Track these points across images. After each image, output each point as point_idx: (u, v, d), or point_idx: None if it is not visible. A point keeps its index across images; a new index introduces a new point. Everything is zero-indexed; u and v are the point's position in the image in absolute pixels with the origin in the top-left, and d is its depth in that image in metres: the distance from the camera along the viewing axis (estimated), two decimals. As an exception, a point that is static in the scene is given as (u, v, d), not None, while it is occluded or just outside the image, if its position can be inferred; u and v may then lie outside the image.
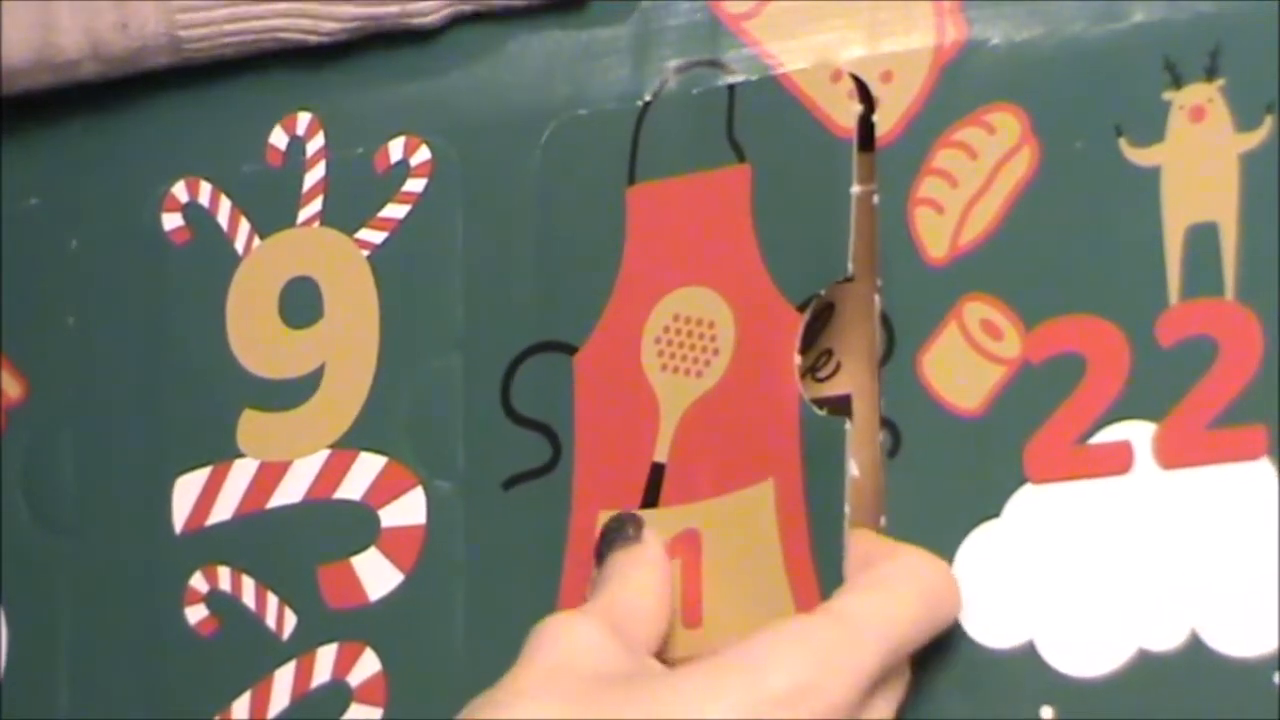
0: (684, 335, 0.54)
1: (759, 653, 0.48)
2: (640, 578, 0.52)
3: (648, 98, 0.57)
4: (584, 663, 0.49)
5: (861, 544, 0.51)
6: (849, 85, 0.53)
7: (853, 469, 0.51)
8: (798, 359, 0.53)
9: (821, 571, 0.51)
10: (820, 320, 0.55)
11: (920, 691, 0.51)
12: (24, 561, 0.62)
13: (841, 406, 0.54)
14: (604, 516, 0.54)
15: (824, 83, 0.54)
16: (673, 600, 0.53)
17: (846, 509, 0.51)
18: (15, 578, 0.62)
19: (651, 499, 0.54)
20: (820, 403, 0.53)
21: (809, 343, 0.54)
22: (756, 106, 0.55)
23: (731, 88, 0.55)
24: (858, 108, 0.53)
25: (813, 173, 0.53)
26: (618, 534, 0.53)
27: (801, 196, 0.53)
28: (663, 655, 0.52)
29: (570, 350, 0.56)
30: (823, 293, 0.53)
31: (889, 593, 0.49)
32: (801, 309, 0.53)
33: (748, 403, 0.53)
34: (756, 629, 0.48)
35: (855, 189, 0.53)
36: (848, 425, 0.51)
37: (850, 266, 0.52)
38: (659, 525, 0.53)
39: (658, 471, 0.54)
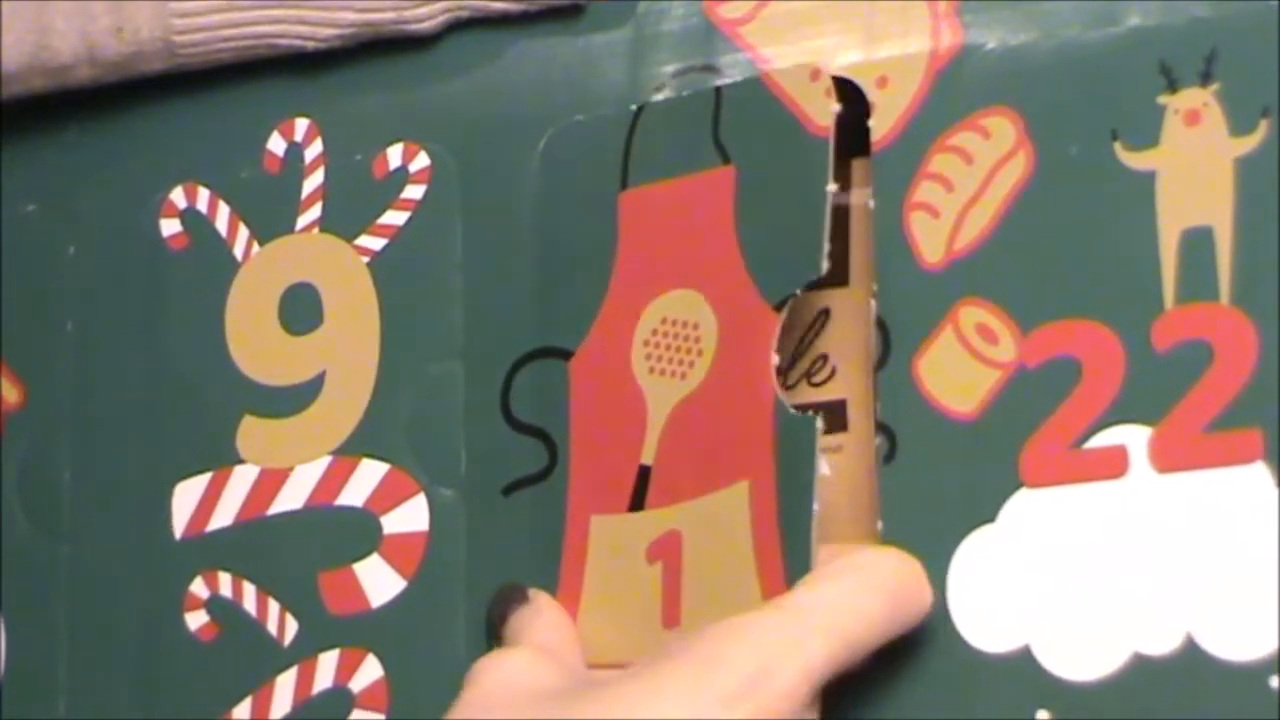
0: (670, 338, 0.54)
1: (705, 649, 0.48)
2: (543, 623, 0.54)
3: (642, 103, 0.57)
4: (524, 683, 0.50)
5: (834, 551, 0.51)
6: (827, 84, 0.53)
7: (823, 467, 0.51)
8: (775, 359, 0.52)
9: (790, 571, 0.51)
10: (816, 325, 0.55)
11: (915, 695, 0.51)
12: (22, 568, 0.62)
13: (836, 412, 0.54)
14: (596, 521, 0.55)
15: (804, 82, 0.53)
16: (578, 639, 0.54)
17: (815, 507, 0.50)
18: (14, 584, 0.62)
19: (638, 502, 0.54)
20: (815, 408, 0.53)
21: (804, 348, 0.54)
22: (741, 108, 0.55)
23: (718, 89, 0.55)
24: (835, 106, 0.53)
25: (791, 172, 0.53)
26: (508, 603, 0.54)
27: (780, 196, 0.53)
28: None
29: (566, 355, 0.56)
30: (798, 292, 0.52)
31: (842, 584, 0.49)
32: (779, 309, 0.53)
33: (726, 404, 0.53)
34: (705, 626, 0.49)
35: (831, 187, 0.52)
36: (818, 423, 0.51)
37: (825, 265, 0.52)
38: (644, 528, 0.54)
39: (644, 474, 0.54)
